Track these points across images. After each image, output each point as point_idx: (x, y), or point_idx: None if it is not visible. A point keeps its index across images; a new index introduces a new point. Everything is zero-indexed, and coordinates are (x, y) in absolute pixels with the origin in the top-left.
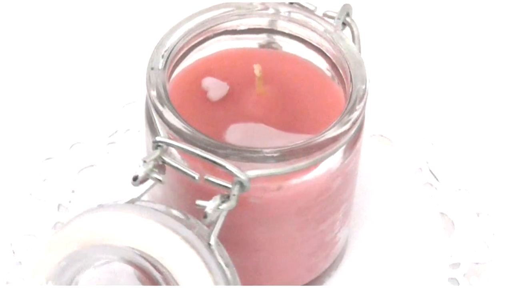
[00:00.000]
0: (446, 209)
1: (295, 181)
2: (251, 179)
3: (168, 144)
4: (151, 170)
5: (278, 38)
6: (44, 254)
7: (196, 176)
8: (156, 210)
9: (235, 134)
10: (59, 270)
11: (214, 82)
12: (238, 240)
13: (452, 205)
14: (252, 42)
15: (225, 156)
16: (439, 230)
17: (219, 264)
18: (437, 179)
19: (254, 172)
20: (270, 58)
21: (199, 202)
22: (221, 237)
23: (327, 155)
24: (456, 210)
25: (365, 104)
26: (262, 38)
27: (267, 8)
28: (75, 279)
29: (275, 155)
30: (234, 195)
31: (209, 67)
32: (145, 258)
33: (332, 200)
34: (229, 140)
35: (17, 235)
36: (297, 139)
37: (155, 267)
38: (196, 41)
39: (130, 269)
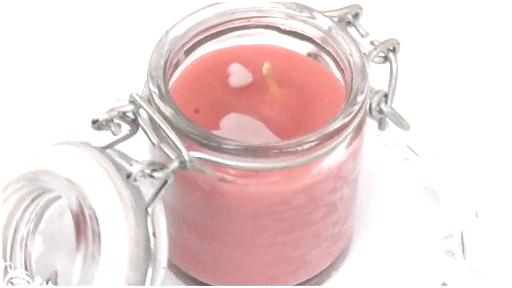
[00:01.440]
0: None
1: (254, 180)
2: (193, 160)
3: (140, 106)
4: (112, 118)
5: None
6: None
7: (155, 142)
8: (110, 157)
9: (230, 122)
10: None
11: (240, 69)
12: (197, 224)
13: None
14: (294, 45)
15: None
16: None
17: (145, 228)
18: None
19: (198, 154)
20: (284, 57)
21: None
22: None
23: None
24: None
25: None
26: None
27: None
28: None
29: (233, 147)
30: (167, 168)
31: (238, 56)
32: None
33: (294, 215)
34: (222, 126)
35: None
36: None
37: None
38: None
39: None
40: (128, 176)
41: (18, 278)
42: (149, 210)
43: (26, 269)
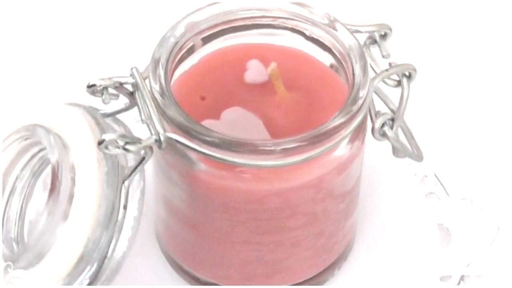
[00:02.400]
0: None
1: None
2: (169, 141)
3: (137, 86)
4: (108, 86)
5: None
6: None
7: (143, 118)
8: (106, 126)
9: (231, 114)
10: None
11: (258, 66)
12: (180, 211)
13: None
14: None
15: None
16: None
17: (117, 198)
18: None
19: (174, 136)
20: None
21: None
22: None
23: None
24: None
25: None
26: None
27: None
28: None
29: (210, 138)
30: (141, 143)
31: (258, 53)
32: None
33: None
34: (223, 116)
35: None
36: None
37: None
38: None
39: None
40: (100, 143)
41: (18, 278)
42: (126, 183)
43: (19, 217)
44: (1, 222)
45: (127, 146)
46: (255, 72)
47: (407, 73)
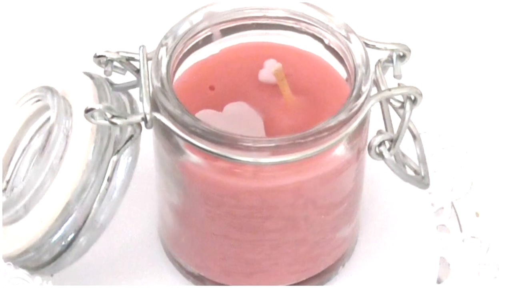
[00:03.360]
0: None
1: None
2: (154, 121)
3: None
4: (113, 59)
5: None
6: None
7: (140, 96)
8: (111, 95)
9: (235, 108)
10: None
11: (275, 67)
12: (166, 195)
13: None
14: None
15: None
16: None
17: (102, 170)
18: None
19: (160, 117)
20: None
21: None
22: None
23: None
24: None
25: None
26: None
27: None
28: None
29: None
30: (126, 118)
31: (277, 53)
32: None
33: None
34: (226, 109)
35: None
36: None
37: None
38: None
39: None
40: (86, 111)
41: (18, 278)
42: (114, 157)
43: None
44: (9, 179)
45: (114, 120)
46: (269, 71)
47: (412, 97)
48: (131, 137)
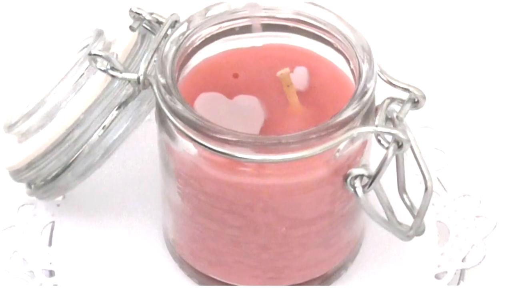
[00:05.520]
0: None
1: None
2: (147, 82)
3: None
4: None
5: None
6: None
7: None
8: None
9: (244, 102)
10: None
11: (302, 75)
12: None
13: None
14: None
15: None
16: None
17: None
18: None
19: (154, 84)
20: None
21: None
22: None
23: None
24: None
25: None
26: None
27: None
28: None
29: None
30: (120, 72)
31: (305, 60)
32: None
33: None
34: (236, 99)
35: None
36: None
37: None
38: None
39: None
40: (89, 53)
41: (18, 278)
42: (114, 111)
43: None
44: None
45: (110, 71)
46: (296, 77)
47: (399, 143)
48: (132, 94)
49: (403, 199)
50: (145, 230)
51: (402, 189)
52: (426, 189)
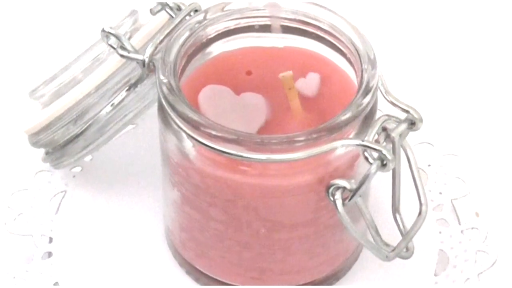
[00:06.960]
0: None
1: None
2: (152, 67)
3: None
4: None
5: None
6: None
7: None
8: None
9: (251, 99)
10: None
11: (313, 80)
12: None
13: None
14: None
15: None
16: None
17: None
18: None
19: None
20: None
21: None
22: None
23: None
24: None
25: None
26: None
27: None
28: None
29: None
30: (128, 52)
31: (315, 65)
32: None
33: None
34: (243, 96)
35: None
36: None
37: None
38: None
39: None
40: (103, 30)
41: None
42: (124, 92)
43: None
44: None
45: (119, 50)
46: (307, 82)
47: (383, 161)
48: (140, 76)
49: (395, 219)
50: (149, 216)
51: (395, 209)
52: (419, 213)
